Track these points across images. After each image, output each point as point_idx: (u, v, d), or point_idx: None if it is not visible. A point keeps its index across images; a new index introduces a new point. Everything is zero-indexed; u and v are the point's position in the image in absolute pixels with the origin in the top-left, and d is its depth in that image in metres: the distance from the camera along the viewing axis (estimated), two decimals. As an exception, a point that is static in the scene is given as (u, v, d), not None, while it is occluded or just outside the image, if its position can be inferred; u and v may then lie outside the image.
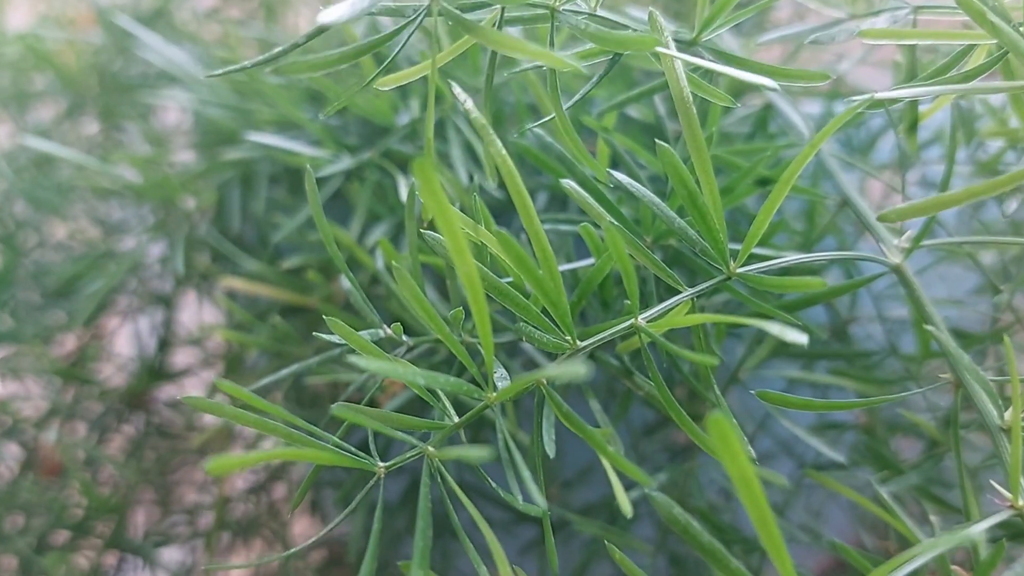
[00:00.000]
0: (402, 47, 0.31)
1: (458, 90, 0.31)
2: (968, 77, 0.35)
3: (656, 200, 0.35)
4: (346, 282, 0.40)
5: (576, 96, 0.36)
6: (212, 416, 0.71)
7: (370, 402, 0.36)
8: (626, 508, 0.28)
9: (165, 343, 0.72)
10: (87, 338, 0.73)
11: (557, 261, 0.46)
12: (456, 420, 0.33)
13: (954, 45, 0.37)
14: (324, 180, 0.56)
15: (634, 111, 0.55)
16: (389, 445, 0.52)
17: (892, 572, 0.28)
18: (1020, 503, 0.32)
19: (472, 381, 0.32)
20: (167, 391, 0.73)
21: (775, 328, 0.27)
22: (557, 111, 0.34)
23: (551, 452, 0.34)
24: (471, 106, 0.30)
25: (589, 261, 0.41)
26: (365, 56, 0.30)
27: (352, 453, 0.30)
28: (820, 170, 0.52)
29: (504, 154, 0.30)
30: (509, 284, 0.34)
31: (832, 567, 0.62)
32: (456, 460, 0.54)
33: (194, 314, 0.72)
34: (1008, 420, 0.34)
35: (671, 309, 0.34)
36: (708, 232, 0.34)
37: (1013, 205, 0.36)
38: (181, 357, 0.74)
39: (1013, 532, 0.40)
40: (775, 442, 0.59)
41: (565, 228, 0.46)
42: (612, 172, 0.38)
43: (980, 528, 0.30)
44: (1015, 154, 0.50)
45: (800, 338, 0.27)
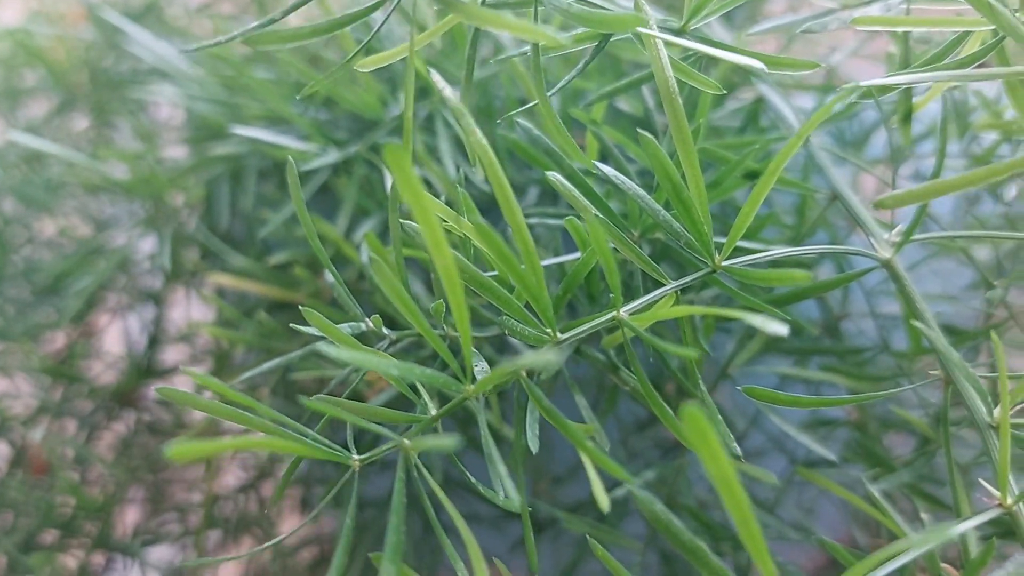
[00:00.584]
0: (382, 24, 0.30)
1: (437, 77, 0.30)
2: (962, 65, 0.35)
3: (641, 192, 0.35)
4: (332, 278, 0.40)
5: (562, 82, 0.36)
6: (200, 415, 0.71)
7: (353, 397, 0.36)
8: (604, 504, 0.28)
9: (155, 340, 0.72)
10: (76, 335, 0.73)
11: (545, 255, 0.46)
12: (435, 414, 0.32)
13: (948, 33, 0.37)
14: (311, 174, 0.55)
15: (625, 105, 0.54)
16: (378, 442, 0.52)
17: (877, 568, 0.27)
18: (1008, 501, 0.32)
19: (455, 376, 0.31)
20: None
21: (757, 319, 0.27)
22: (540, 96, 0.34)
23: (534, 447, 0.33)
24: (449, 93, 0.29)
25: (576, 255, 0.41)
26: (341, 31, 0.30)
27: (327, 446, 0.30)
28: (812, 165, 0.52)
29: (484, 142, 0.29)
30: (493, 278, 0.33)
31: (826, 565, 0.61)
32: (446, 457, 0.54)
33: (183, 311, 0.71)
34: (997, 417, 0.33)
35: (655, 302, 0.34)
36: (692, 225, 0.33)
37: (1012, 192, 0.35)
38: (171, 354, 0.73)
39: (1004, 531, 0.39)
40: (767, 439, 0.58)
41: (553, 222, 0.46)
42: (599, 165, 0.37)
43: (966, 526, 0.30)
44: (1010, 147, 0.50)
45: (781, 329, 0.26)
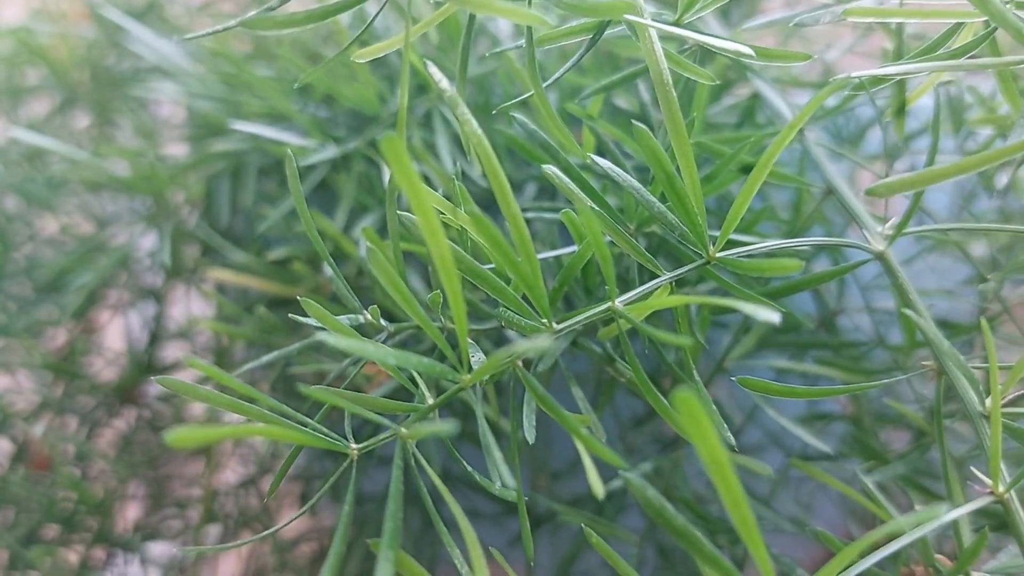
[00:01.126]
0: (377, 14, 0.30)
1: (434, 70, 0.30)
2: (955, 56, 0.35)
3: (636, 184, 0.35)
4: (331, 272, 0.40)
5: (557, 74, 0.36)
6: (201, 411, 0.71)
7: (352, 391, 0.36)
8: (598, 491, 0.28)
9: (155, 337, 0.72)
10: (77, 332, 0.73)
11: (542, 250, 0.46)
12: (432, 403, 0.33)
13: (942, 27, 0.37)
14: (310, 171, 0.56)
15: (622, 101, 0.54)
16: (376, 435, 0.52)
17: (867, 554, 0.27)
18: (1000, 489, 0.32)
19: (452, 366, 0.31)
20: (158, 385, 0.73)
21: (749, 308, 0.27)
22: (535, 88, 0.34)
23: (531, 438, 0.34)
24: (446, 85, 0.30)
25: (573, 248, 0.41)
26: (340, 29, 0.30)
27: (325, 435, 0.30)
28: (808, 160, 0.52)
29: (479, 133, 0.29)
30: (490, 270, 0.34)
31: (823, 559, 0.62)
32: (444, 452, 0.54)
33: (184, 307, 0.72)
34: (988, 407, 0.34)
35: (649, 293, 0.34)
36: (687, 216, 0.34)
37: (1004, 179, 0.35)
38: (171, 351, 0.73)
39: (998, 523, 0.39)
40: (764, 434, 0.58)
41: (550, 216, 0.46)
42: (595, 158, 0.38)
43: (958, 511, 0.30)
44: (1003, 142, 0.50)
45: (774, 318, 0.26)
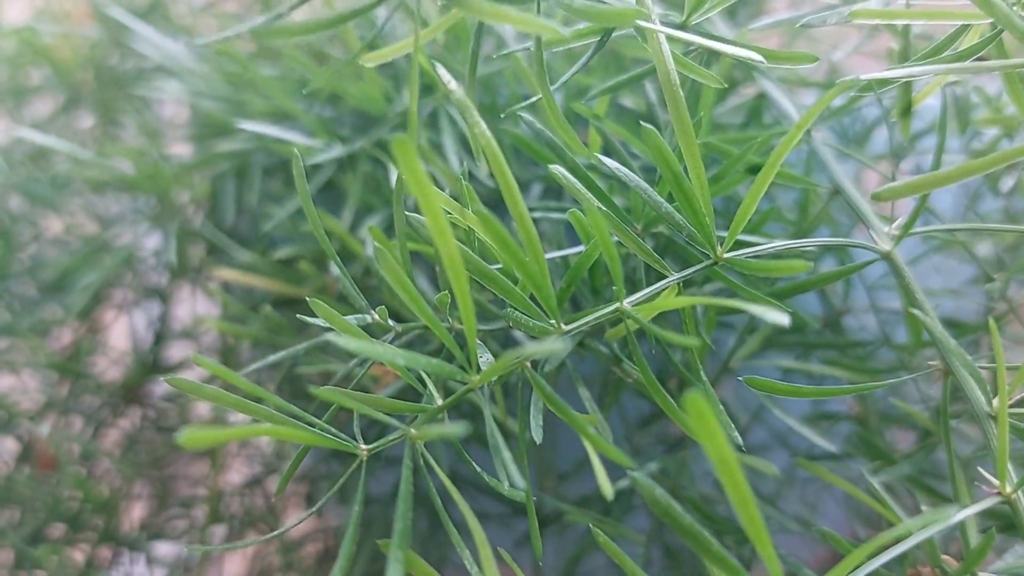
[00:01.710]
0: (387, 21, 0.30)
1: (442, 71, 0.30)
2: (961, 58, 0.35)
3: (643, 184, 0.35)
4: (338, 272, 0.40)
5: (564, 76, 0.36)
6: (206, 411, 0.71)
7: (360, 391, 0.36)
8: (607, 491, 0.28)
9: (160, 337, 0.72)
10: (83, 332, 0.73)
11: (550, 250, 0.46)
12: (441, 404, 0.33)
13: (948, 29, 0.37)
14: (316, 170, 0.56)
15: (629, 101, 0.54)
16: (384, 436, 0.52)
17: (874, 556, 0.28)
18: (1007, 490, 0.32)
19: (460, 367, 0.31)
20: (163, 385, 0.73)
21: (757, 309, 0.27)
22: (543, 90, 0.34)
23: (538, 437, 0.34)
24: (455, 87, 0.30)
25: (580, 248, 0.41)
26: (346, 28, 0.30)
27: (333, 435, 0.30)
28: (815, 161, 0.52)
29: (488, 134, 0.29)
30: (498, 271, 0.34)
31: (829, 559, 0.62)
32: (453, 453, 0.54)
33: (189, 307, 0.72)
34: (996, 407, 0.34)
35: (657, 294, 0.34)
36: (694, 216, 0.34)
37: (1009, 183, 0.35)
38: (176, 351, 0.74)
39: (1005, 523, 0.39)
40: (770, 434, 0.58)
41: (557, 216, 0.46)
42: (602, 158, 0.38)
43: (965, 512, 0.30)
44: (1010, 143, 0.50)
45: (782, 319, 0.26)
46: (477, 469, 0.32)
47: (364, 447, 0.31)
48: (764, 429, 0.58)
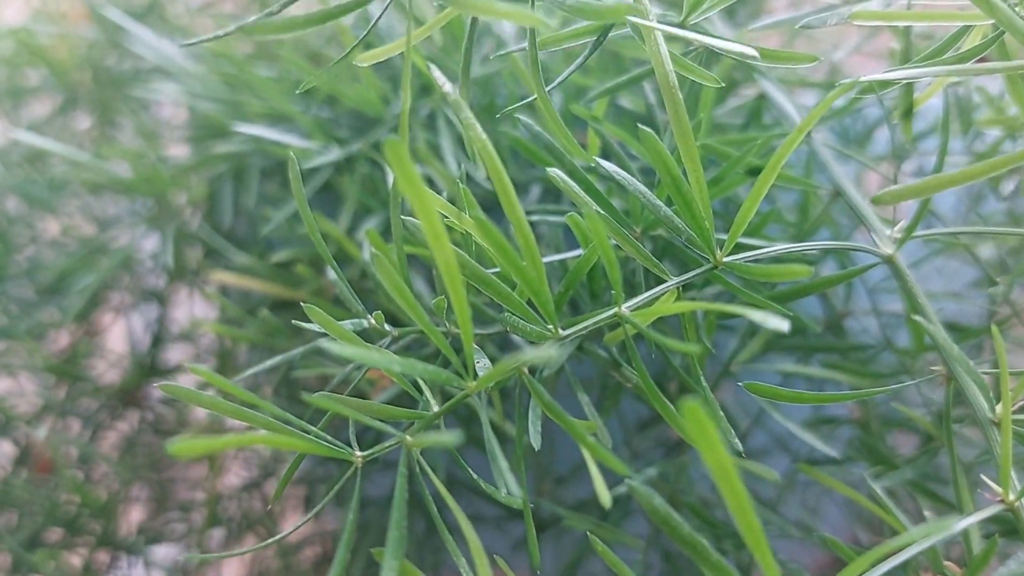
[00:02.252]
0: (379, 17, 0.30)
1: (437, 72, 0.30)
2: (963, 59, 0.35)
3: (642, 188, 0.35)
4: (334, 275, 0.40)
5: (561, 76, 0.36)
6: (204, 413, 0.71)
7: (355, 396, 0.36)
8: (605, 499, 0.28)
9: (158, 339, 0.72)
10: (80, 334, 0.73)
11: (548, 253, 0.46)
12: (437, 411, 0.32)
13: (949, 28, 0.37)
14: (313, 173, 0.55)
15: (628, 103, 0.54)
16: (380, 442, 0.52)
17: (877, 563, 0.27)
18: (1010, 498, 0.32)
19: (457, 373, 0.31)
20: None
21: (757, 315, 0.27)
22: (539, 90, 0.34)
23: (536, 443, 0.33)
24: (449, 88, 0.29)
25: (578, 252, 0.41)
26: (344, 30, 0.30)
27: (329, 442, 0.30)
28: (815, 162, 0.51)
29: (483, 136, 0.29)
30: (495, 275, 0.33)
31: (830, 564, 0.61)
32: (449, 458, 0.54)
33: (187, 310, 0.72)
34: (999, 413, 0.33)
35: (656, 298, 0.34)
36: (693, 220, 0.33)
37: (1010, 187, 0.35)
38: (174, 353, 0.73)
39: (1008, 529, 0.39)
40: (771, 438, 0.58)
41: (555, 219, 0.46)
42: (600, 161, 0.37)
43: (968, 521, 0.30)
44: (1012, 144, 0.49)
45: (782, 325, 0.26)
46: (474, 476, 0.32)
47: (359, 454, 0.31)
48: (764, 433, 0.58)
